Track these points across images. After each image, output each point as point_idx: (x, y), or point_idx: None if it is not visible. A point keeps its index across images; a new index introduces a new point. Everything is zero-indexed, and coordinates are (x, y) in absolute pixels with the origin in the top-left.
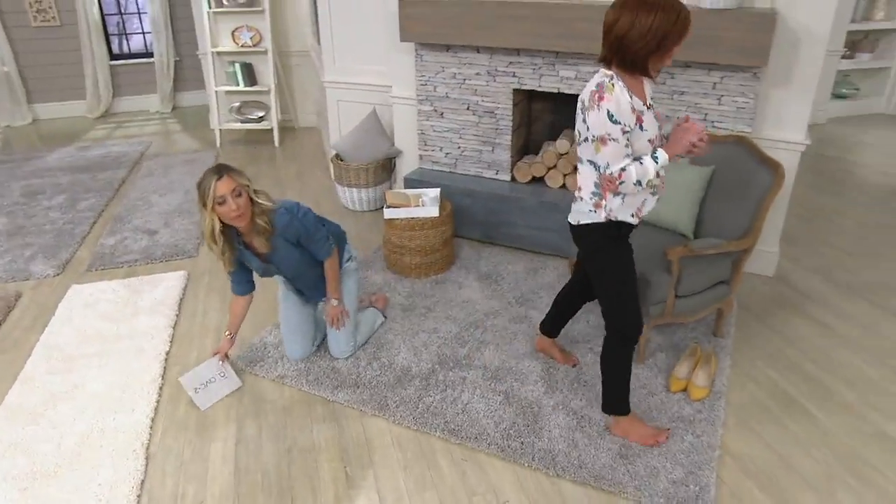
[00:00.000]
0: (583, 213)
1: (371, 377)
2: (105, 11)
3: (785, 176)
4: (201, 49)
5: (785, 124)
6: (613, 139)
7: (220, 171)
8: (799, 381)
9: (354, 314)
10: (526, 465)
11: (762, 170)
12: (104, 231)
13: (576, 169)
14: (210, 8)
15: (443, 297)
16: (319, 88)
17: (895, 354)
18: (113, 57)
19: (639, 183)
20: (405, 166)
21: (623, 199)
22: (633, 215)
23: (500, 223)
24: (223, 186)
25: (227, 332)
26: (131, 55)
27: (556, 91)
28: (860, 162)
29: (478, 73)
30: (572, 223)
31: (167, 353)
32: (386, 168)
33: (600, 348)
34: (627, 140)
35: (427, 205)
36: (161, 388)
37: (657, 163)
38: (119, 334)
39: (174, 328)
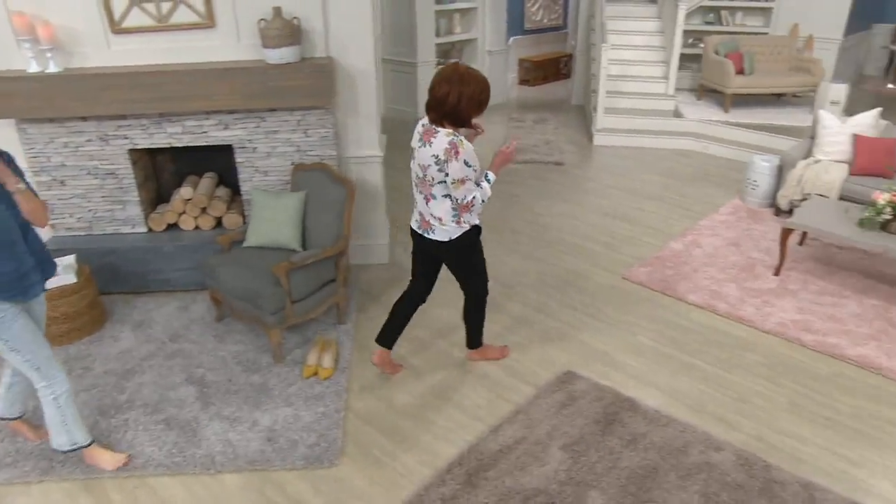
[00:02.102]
0: (451, 231)
1: (32, 448)
2: None
3: (355, 190)
4: None
5: (363, 144)
6: (469, 179)
7: None
8: (403, 341)
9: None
10: (191, 472)
11: (339, 187)
12: None
13: (204, 210)
14: None
15: (99, 354)
16: None
17: None
18: None
19: (483, 201)
20: None
21: (471, 211)
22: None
23: (146, 272)
24: None
25: None
26: None
27: (169, 146)
28: None
29: (89, 140)
30: (444, 240)
31: None
32: None
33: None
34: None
35: (61, 273)
36: None
37: (490, 183)
38: None
39: None
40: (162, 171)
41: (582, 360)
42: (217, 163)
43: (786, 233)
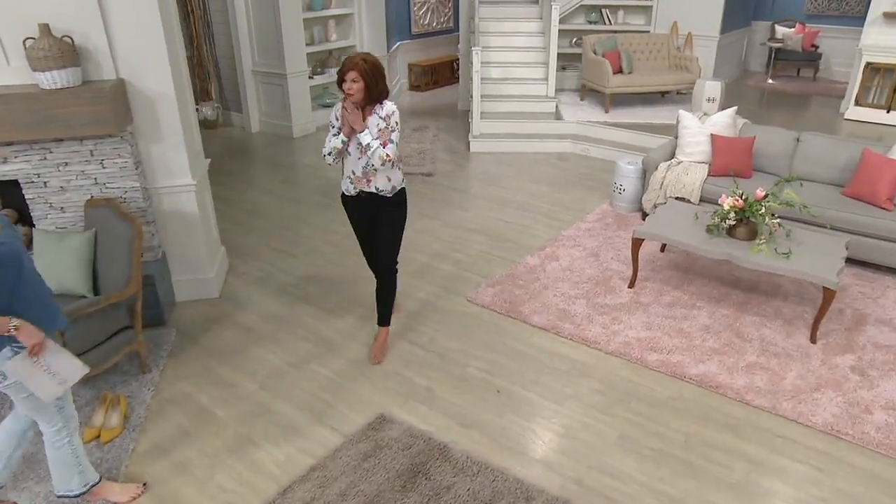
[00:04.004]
0: None
1: None
2: None
3: (142, 228)
4: None
5: (173, 171)
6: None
7: None
8: (211, 387)
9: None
10: None
11: (126, 225)
12: None
13: None
14: None
15: None
16: None
17: (293, 333)
18: None
19: (323, 154)
20: None
21: (342, 176)
22: (346, 190)
23: None
24: None
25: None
26: None
27: None
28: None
29: None
30: None
31: None
32: None
33: None
34: (335, 133)
35: None
36: None
37: (337, 139)
38: None
39: None
40: None
41: (401, 400)
42: (16, 199)
43: (636, 243)
